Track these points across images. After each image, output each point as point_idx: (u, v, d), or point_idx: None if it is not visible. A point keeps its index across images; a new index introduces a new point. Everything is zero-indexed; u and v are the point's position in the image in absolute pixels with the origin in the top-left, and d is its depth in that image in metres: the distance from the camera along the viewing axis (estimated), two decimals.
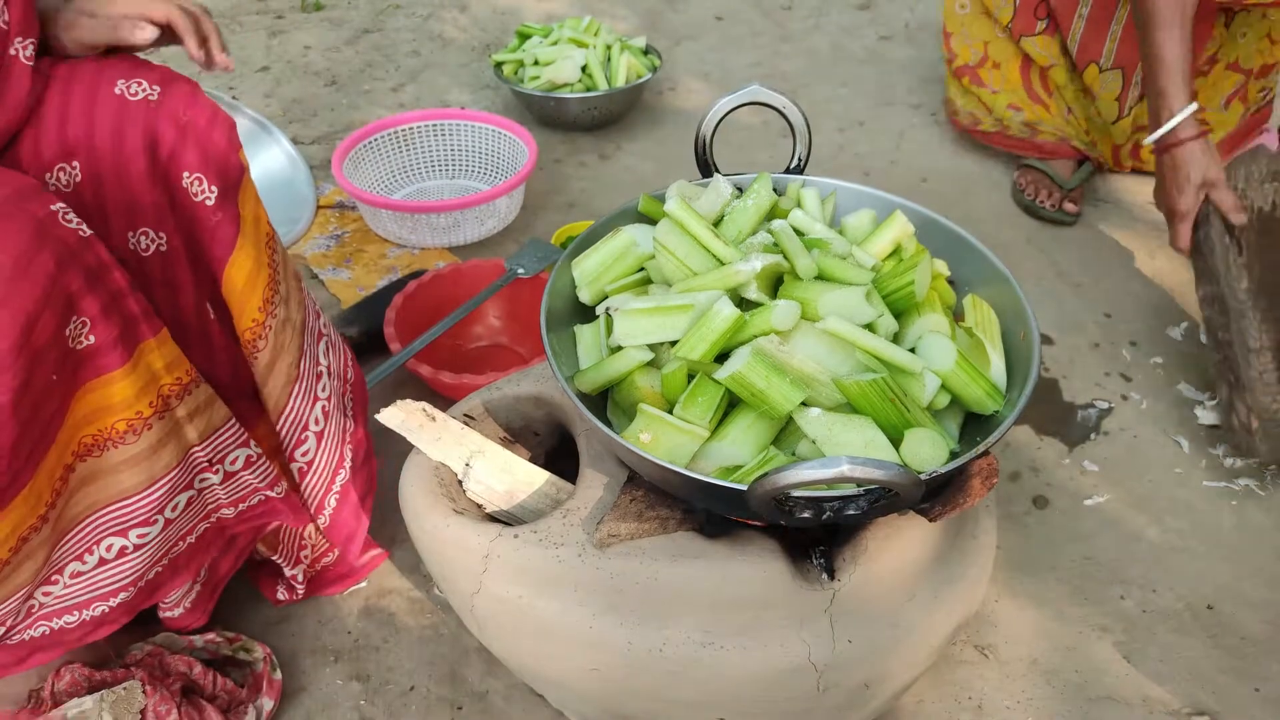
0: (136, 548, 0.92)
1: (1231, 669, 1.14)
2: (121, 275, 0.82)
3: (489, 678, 1.12)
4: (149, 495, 0.90)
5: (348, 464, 1.12)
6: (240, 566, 1.11)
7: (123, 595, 0.94)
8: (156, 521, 0.92)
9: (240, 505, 1.02)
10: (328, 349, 1.10)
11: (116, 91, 0.87)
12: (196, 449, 0.94)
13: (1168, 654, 1.16)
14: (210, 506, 1.00)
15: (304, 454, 1.06)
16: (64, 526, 0.87)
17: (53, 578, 0.89)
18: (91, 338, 0.80)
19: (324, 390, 1.07)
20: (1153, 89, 1.40)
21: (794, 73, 2.42)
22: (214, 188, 0.90)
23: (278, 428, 1.03)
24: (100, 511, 0.89)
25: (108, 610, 0.95)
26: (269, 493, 1.03)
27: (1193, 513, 1.33)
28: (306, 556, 1.15)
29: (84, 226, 0.80)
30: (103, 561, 0.91)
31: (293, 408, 1.02)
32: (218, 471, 0.97)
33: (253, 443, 1.00)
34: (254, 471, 1.01)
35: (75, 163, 0.86)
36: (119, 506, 0.89)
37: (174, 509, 0.94)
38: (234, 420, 0.97)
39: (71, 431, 0.83)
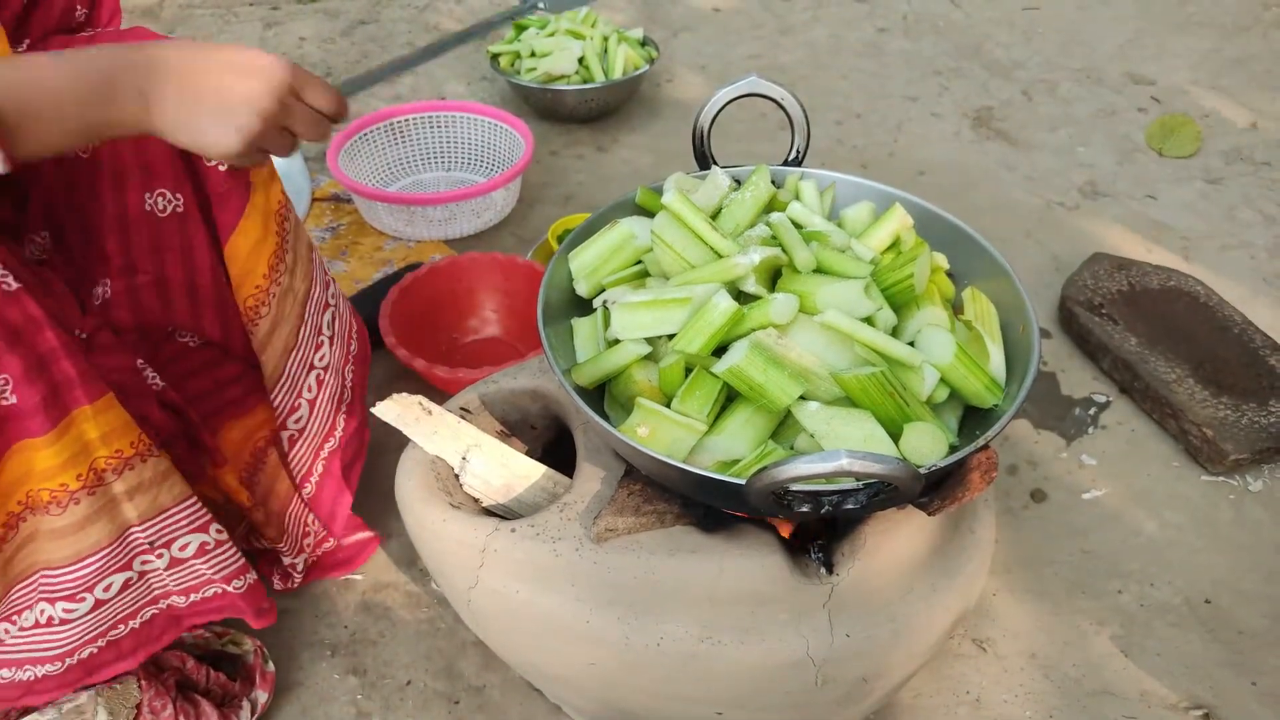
0: (63, 621, 0.88)
1: (1229, 663, 1.14)
2: (56, 335, 0.77)
3: (486, 672, 1.12)
4: (74, 571, 0.86)
5: (338, 433, 1.12)
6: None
7: (49, 666, 0.91)
8: (84, 599, 0.88)
9: (192, 595, 0.97)
10: (334, 319, 1.10)
11: None
12: (135, 529, 0.88)
13: (1166, 648, 1.16)
14: (157, 592, 0.95)
15: (296, 421, 1.06)
16: (14, 575, 0.86)
17: (12, 617, 0.88)
18: (13, 397, 0.76)
19: (321, 360, 1.07)
20: None
21: (792, 65, 2.42)
22: None
23: (271, 396, 1.03)
24: (39, 571, 0.86)
25: (35, 678, 0.91)
26: (226, 587, 0.98)
27: (1191, 507, 1.33)
28: (309, 545, 1.15)
29: (9, 280, 0.74)
30: (37, 624, 0.89)
31: (288, 375, 1.03)
32: (162, 556, 0.91)
33: (213, 529, 0.94)
34: (209, 561, 0.95)
35: None
36: (46, 574, 0.86)
37: (106, 589, 0.89)
38: (191, 500, 0.92)
39: (12, 484, 0.80)
